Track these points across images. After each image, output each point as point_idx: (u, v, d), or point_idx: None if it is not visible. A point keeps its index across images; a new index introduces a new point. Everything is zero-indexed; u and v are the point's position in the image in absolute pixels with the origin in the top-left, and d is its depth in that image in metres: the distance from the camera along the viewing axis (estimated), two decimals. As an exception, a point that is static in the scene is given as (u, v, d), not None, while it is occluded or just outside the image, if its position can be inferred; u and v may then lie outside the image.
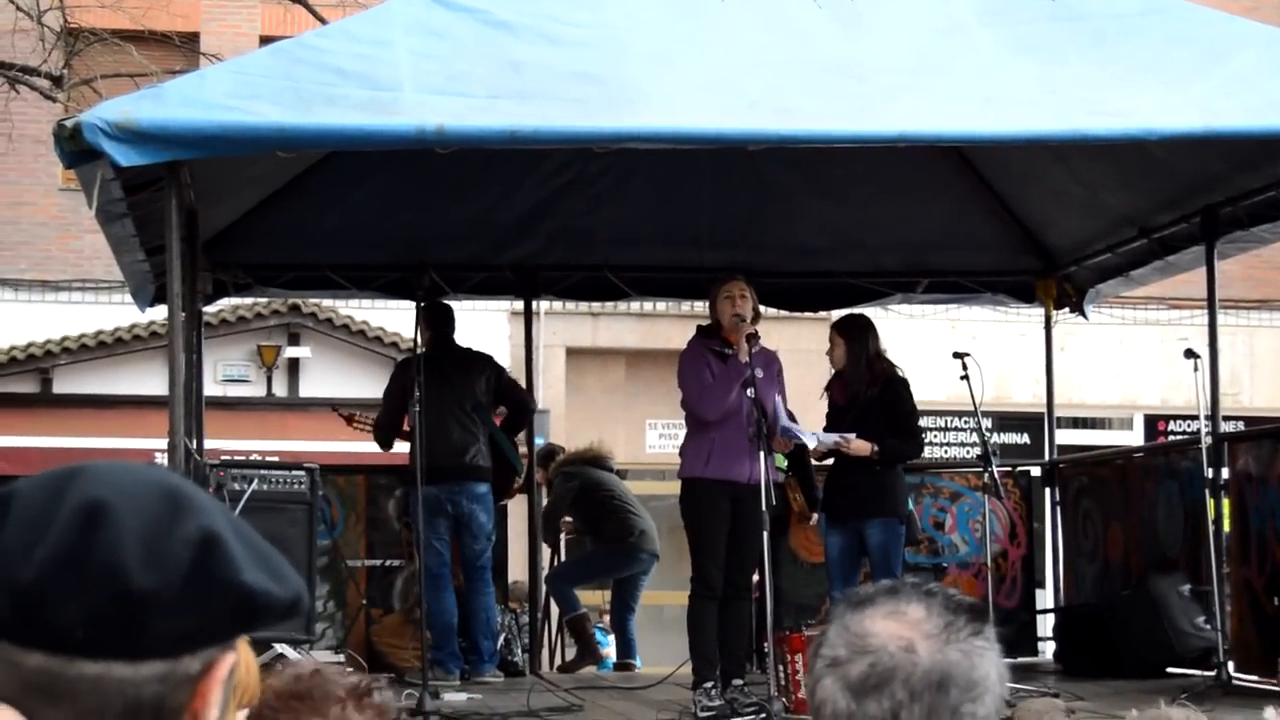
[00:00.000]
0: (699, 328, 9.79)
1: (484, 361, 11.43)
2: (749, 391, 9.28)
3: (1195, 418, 10.48)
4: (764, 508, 8.87)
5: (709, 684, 9.19)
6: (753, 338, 9.41)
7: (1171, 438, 19.44)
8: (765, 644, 9.11)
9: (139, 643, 1.59)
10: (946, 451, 20.60)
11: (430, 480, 10.62)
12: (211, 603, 1.61)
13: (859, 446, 9.86)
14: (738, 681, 9.39)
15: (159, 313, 11.77)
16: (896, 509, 10.12)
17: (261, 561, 1.66)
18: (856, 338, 10.20)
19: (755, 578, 9.77)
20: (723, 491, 9.30)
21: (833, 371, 10.34)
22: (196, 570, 1.60)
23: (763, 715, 8.82)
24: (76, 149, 7.26)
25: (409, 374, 10.73)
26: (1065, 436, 16.89)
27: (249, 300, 17.82)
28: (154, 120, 7.35)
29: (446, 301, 11.62)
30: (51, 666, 1.58)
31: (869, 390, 10.08)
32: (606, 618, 14.72)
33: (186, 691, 1.63)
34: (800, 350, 19.32)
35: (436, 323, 11.17)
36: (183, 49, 17.26)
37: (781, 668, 9.15)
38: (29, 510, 1.60)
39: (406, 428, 10.95)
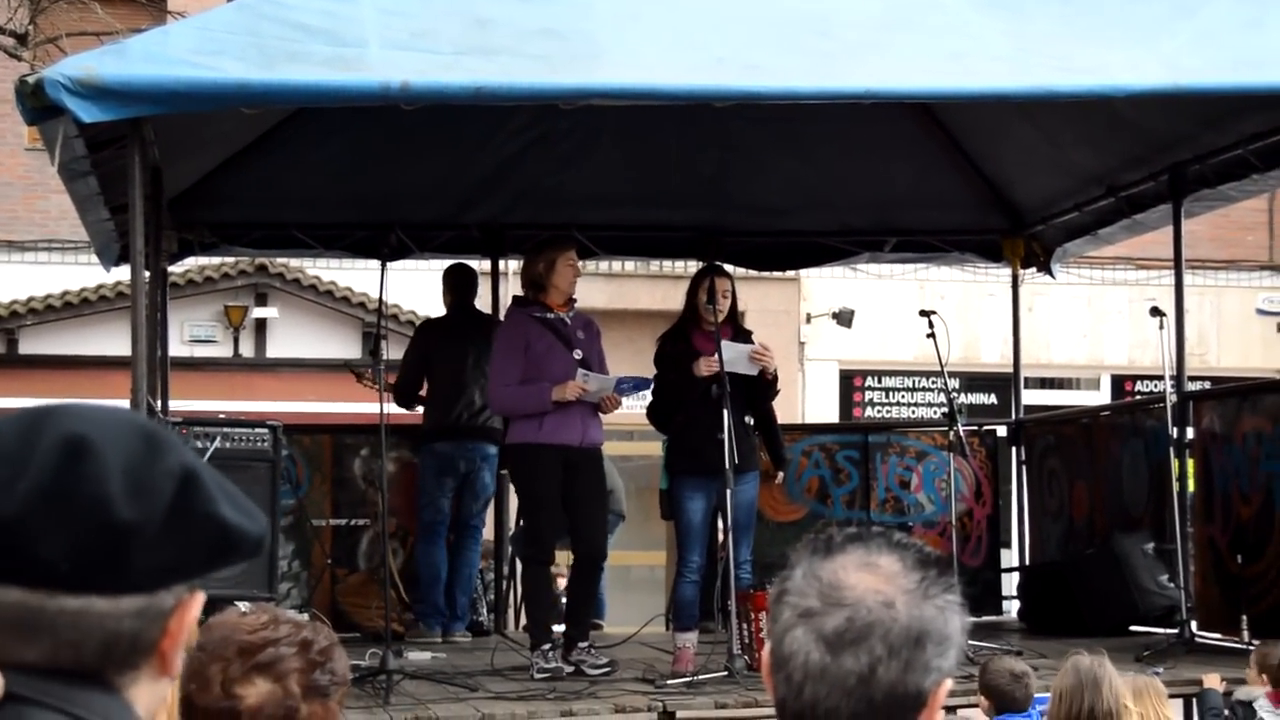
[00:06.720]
0: (515, 298, 9.82)
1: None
2: (575, 353, 9.39)
3: (1162, 378, 10.51)
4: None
5: (546, 646, 9.19)
6: (570, 301, 9.57)
7: (1138, 397, 19.48)
8: (729, 601, 9.08)
9: (121, 576, 1.60)
10: (913, 411, 20.62)
11: (444, 438, 11.01)
12: (191, 536, 1.63)
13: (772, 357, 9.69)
14: (584, 644, 9.37)
15: (125, 273, 11.73)
16: (758, 462, 9.94)
17: (231, 499, 1.69)
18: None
19: (721, 538, 9.72)
20: (555, 456, 9.29)
21: (715, 319, 9.47)
22: (178, 503, 1.62)
23: (725, 674, 8.82)
24: (39, 105, 7.20)
25: (428, 339, 11.40)
26: (1032, 397, 16.93)
27: (216, 260, 17.77)
28: (117, 76, 7.29)
29: (470, 264, 11.89)
30: (30, 601, 1.59)
31: (738, 338, 9.85)
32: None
33: (159, 628, 1.65)
34: (769, 311, 19.33)
35: (459, 287, 11.63)
36: (149, 8, 17.13)
37: (745, 625, 9.15)
38: (3, 446, 1.60)
39: (424, 392, 11.37)
